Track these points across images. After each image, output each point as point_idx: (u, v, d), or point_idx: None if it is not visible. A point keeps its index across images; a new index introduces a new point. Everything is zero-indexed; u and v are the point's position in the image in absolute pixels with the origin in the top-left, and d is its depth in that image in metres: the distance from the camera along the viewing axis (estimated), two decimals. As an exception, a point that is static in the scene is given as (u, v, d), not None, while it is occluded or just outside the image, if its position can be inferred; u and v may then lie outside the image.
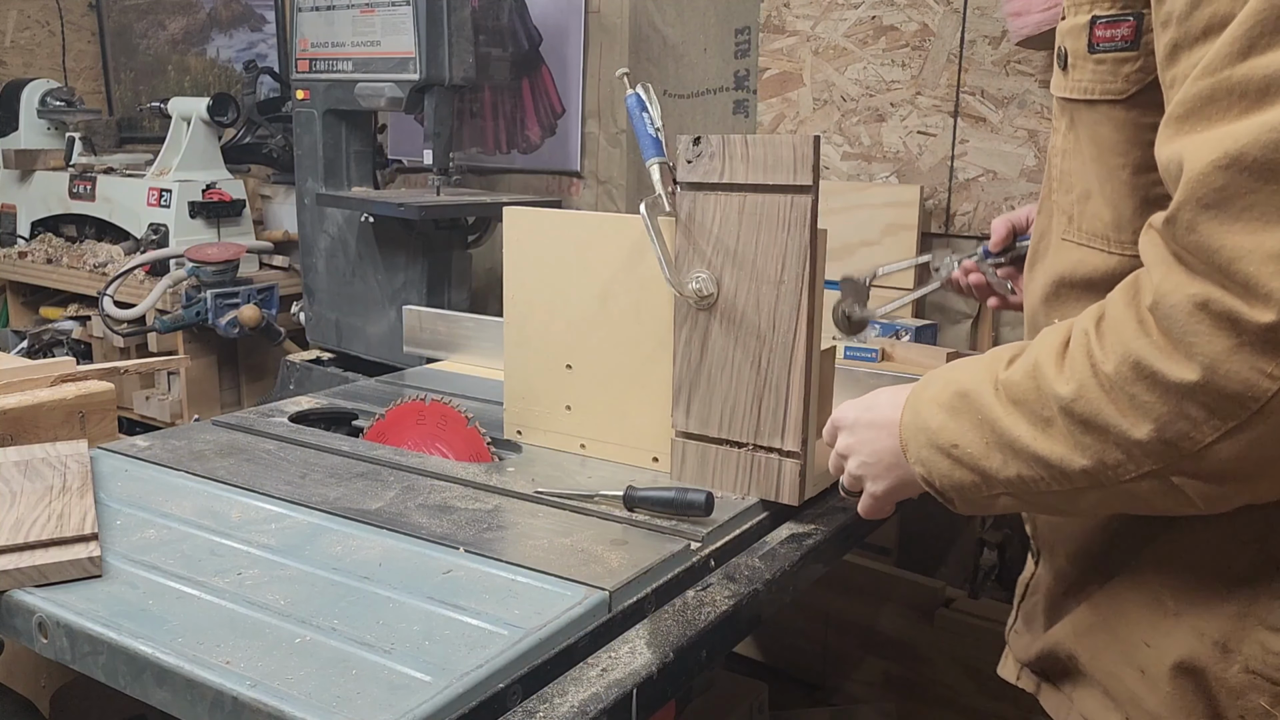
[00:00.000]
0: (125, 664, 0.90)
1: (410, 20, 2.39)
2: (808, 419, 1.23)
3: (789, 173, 1.17)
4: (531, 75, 2.87)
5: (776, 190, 1.19)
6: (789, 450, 1.24)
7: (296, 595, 1.00)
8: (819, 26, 2.54)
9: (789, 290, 1.20)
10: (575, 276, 1.39)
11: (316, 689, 0.84)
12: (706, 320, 1.27)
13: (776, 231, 1.20)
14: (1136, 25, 0.79)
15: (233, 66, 3.74)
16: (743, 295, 1.23)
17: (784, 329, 1.21)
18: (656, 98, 1.32)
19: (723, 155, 1.21)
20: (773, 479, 1.26)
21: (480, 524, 1.17)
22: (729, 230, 1.23)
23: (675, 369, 1.30)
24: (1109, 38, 0.81)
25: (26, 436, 1.43)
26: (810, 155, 1.15)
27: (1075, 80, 0.85)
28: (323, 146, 2.66)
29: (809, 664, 2.28)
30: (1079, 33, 0.83)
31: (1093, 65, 0.83)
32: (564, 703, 0.87)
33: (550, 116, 2.90)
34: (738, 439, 1.27)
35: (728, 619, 1.06)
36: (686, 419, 1.31)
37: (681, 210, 1.26)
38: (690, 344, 1.28)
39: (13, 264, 3.42)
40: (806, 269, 1.19)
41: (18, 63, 4.00)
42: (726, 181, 1.22)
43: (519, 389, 1.48)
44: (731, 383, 1.26)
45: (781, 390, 1.22)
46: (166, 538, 1.13)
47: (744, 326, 1.24)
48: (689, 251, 1.27)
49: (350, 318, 2.71)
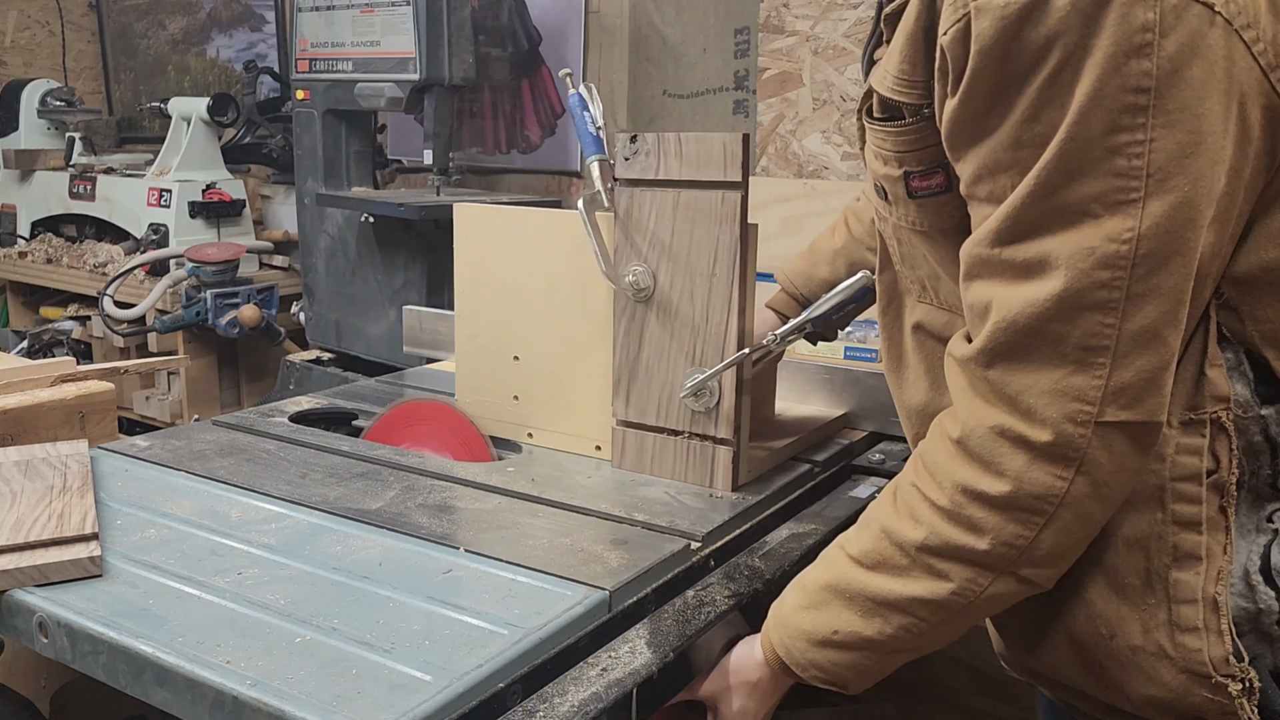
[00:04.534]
0: (125, 664, 0.90)
1: (410, 20, 2.39)
2: (740, 407, 1.27)
3: (720, 169, 1.22)
4: (531, 75, 2.87)
5: (708, 186, 1.23)
6: (722, 438, 1.28)
7: (296, 595, 1.00)
8: (818, 26, 2.54)
9: (721, 283, 1.25)
10: (522, 271, 1.44)
11: (317, 688, 0.84)
12: (644, 312, 1.31)
13: (709, 226, 1.24)
14: (946, 173, 0.89)
15: (233, 66, 3.74)
16: (677, 288, 1.28)
17: (716, 320, 1.26)
18: (599, 98, 1.36)
19: (658, 152, 1.26)
20: (707, 465, 1.30)
21: (480, 524, 1.17)
22: (664, 225, 1.27)
23: (615, 360, 1.35)
24: (924, 187, 0.91)
25: (26, 436, 1.43)
26: (739, 153, 1.20)
27: (901, 214, 0.94)
28: (323, 146, 2.66)
29: (809, 664, 2.27)
30: (895, 181, 0.92)
31: (915, 206, 0.92)
32: (564, 702, 0.87)
33: (550, 116, 2.90)
34: (674, 427, 1.32)
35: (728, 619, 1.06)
36: (626, 408, 1.35)
37: (619, 206, 1.30)
38: (629, 335, 1.33)
39: (13, 264, 3.42)
40: (737, 262, 1.23)
41: (18, 63, 4.01)
42: (661, 178, 1.26)
43: (470, 380, 1.53)
44: (668, 372, 1.31)
45: (714, 379, 1.26)
46: (167, 537, 1.13)
47: (679, 318, 1.29)
48: (627, 246, 1.31)
49: (350, 318, 2.71)
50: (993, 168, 0.80)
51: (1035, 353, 0.79)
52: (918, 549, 0.87)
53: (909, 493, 0.89)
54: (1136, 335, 0.77)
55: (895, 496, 0.91)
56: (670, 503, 1.25)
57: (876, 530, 0.91)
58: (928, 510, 0.86)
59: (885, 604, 0.89)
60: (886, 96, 0.88)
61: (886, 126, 0.90)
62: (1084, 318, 0.77)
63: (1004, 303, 0.80)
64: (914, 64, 0.85)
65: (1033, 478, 0.81)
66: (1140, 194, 0.74)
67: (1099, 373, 0.78)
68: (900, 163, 0.90)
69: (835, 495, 1.38)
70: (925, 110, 0.86)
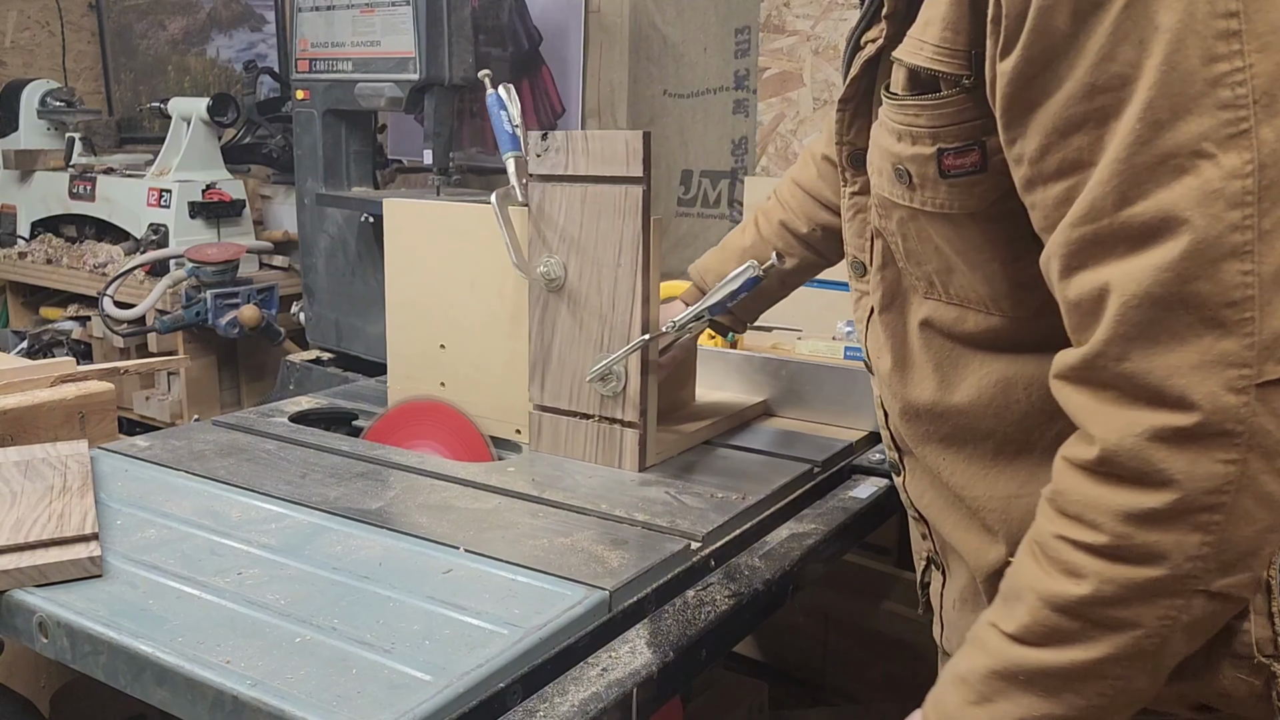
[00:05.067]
0: (125, 663, 0.90)
1: (410, 20, 2.39)
2: (645, 392, 1.34)
3: (623, 165, 1.28)
4: (531, 75, 2.87)
5: (613, 181, 1.30)
6: (629, 421, 1.35)
7: (296, 595, 1.00)
8: (819, 26, 2.54)
9: (625, 273, 1.31)
10: (447, 263, 1.50)
11: (316, 688, 0.84)
12: (556, 302, 1.38)
13: (614, 219, 1.31)
14: (982, 152, 0.83)
15: (233, 66, 3.73)
16: (586, 278, 1.35)
17: (621, 309, 1.32)
18: (517, 97, 1.45)
19: (566, 149, 1.32)
20: (616, 447, 1.36)
21: (480, 524, 1.17)
22: (573, 218, 1.34)
23: (530, 347, 1.42)
24: (959, 165, 0.84)
25: (26, 436, 1.43)
26: (640, 149, 1.26)
27: (927, 197, 0.88)
28: (323, 146, 2.66)
29: (809, 664, 2.28)
30: (925, 160, 0.86)
31: (946, 187, 0.86)
32: (564, 702, 0.87)
33: (550, 116, 2.90)
34: (585, 411, 1.38)
35: (728, 619, 1.06)
36: (541, 393, 1.42)
37: (533, 201, 1.37)
38: (543, 324, 1.40)
39: (13, 264, 3.42)
40: (640, 254, 1.30)
41: (18, 63, 4.00)
42: (570, 174, 1.33)
43: (401, 368, 1.60)
44: (578, 359, 1.37)
45: (620, 365, 1.32)
46: (166, 537, 1.13)
47: (587, 307, 1.35)
48: (539, 238, 1.38)
49: (350, 318, 2.71)
50: (1064, 127, 0.73)
51: (1175, 325, 0.70)
52: (1089, 606, 0.75)
53: (1056, 547, 0.77)
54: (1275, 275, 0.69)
55: (1038, 555, 0.79)
56: (670, 503, 1.25)
57: (1032, 601, 0.78)
58: (1087, 558, 0.75)
59: (1072, 676, 0.77)
60: (924, 67, 0.83)
61: (921, 101, 0.84)
62: (1222, 270, 0.69)
63: (1127, 279, 0.71)
64: (957, 31, 0.80)
65: (1200, 471, 0.71)
66: (1250, 122, 0.68)
67: (1248, 329, 0.69)
68: (934, 139, 0.84)
69: (835, 495, 1.38)
70: (965, 81, 0.81)
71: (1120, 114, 0.70)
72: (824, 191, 1.38)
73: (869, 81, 0.94)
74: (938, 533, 1.04)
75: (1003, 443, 0.93)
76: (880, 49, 0.90)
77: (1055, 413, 0.89)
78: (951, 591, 1.05)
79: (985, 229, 0.85)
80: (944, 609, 1.07)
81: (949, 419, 0.95)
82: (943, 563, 1.07)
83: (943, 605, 1.07)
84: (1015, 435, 0.92)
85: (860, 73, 0.93)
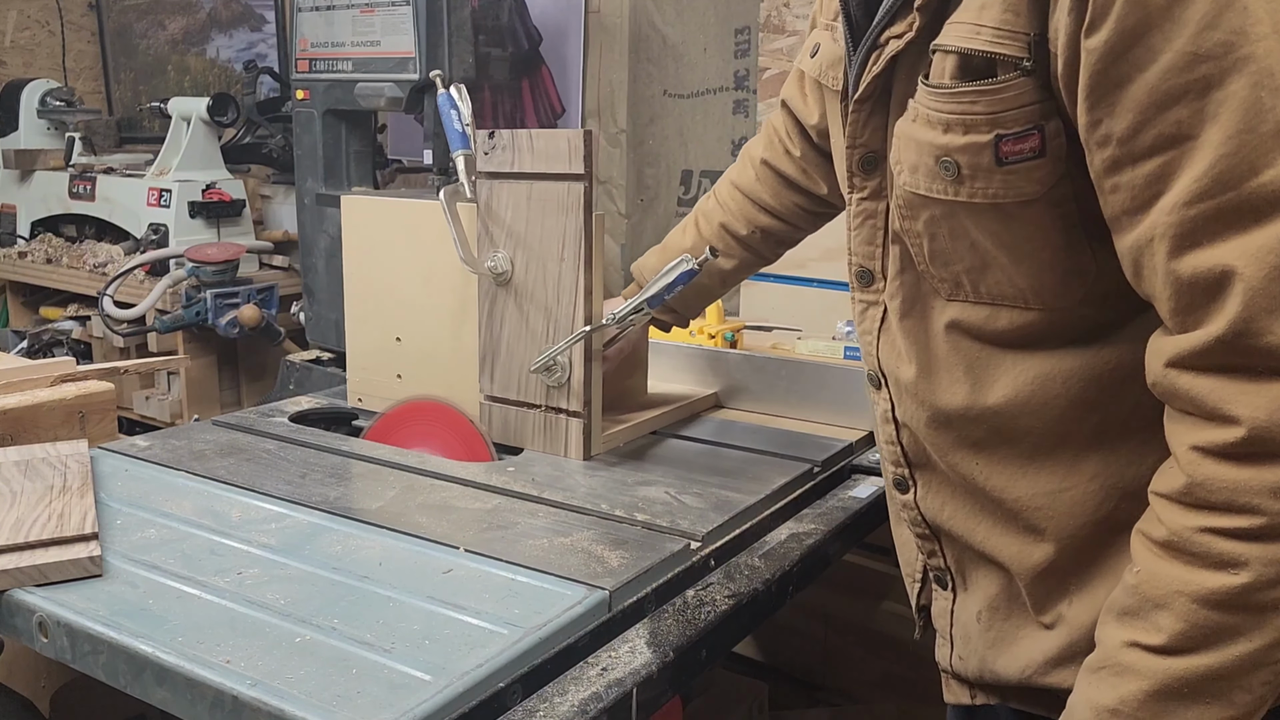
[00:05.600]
0: (125, 663, 0.90)
1: (410, 20, 2.39)
2: (589, 382, 1.38)
3: (566, 162, 1.32)
4: (531, 75, 2.87)
5: (557, 178, 1.34)
6: (574, 410, 1.39)
7: (296, 595, 1.00)
8: (819, 26, 2.53)
9: (569, 267, 1.35)
10: (403, 257, 1.56)
11: (316, 688, 0.84)
12: (504, 296, 1.42)
13: (558, 215, 1.35)
14: (1041, 136, 0.81)
15: (233, 66, 3.73)
16: (532, 272, 1.39)
17: (566, 301, 1.36)
18: (468, 97, 1.49)
19: (512, 148, 1.36)
20: (562, 436, 1.41)
21: (480, 524, 1.17)
22: (519, 214, 1.38)
23: (480, 339, 1.46)
24: (1018, 151, 0.82)
25: (26, 436, 1.43)
26: (582, 147, 1.30)
27: (978, 188, 0.85)
28: (323, 146, 2.65)
29: (809, 664, 2.28)
30: (979, 149, 0.83)
31: (1001, 175, 0.83)
32: (564, 702, 0.87)
33: (550, 116, 2.90)
34: (532, 401, 1.43)
35: (728, 619, 1.06)
36: (491, 384, 1.47)
37: (481, 197, 1.41)
38: (492, 317, 1.44)
39: (13, 264, 3.42)
40: (583, 248, 1.34)
41: (18, 63, 4.00)
42: (517, 171, 1.37)
43: (359, 361, 1.66)
44: (525, 351, 1.41)
45: (564, 356, 1.36)
46: (166, 537, 1.13)
47: (534, 300, 1.40)
48: (487, 234, 1.42)
49: (350, 318, 2.71)
50: (1162, 101, 0.71)
51: None
52: (1252, 593, 0.73)
53: (1201, 541, 0.74)
54: None
55: (1177, 555, 0.76)
56: (670, 503, 1.25)
57: (1182, 605, 0.75)
58: (1243, 545, 0.72)
59: (1238, 672, 0.74)
60: (983, 50, 0.81)
61: (979, 87, 0.81)
62: None
63: (1255, 251, 0.69)
64: (1018, 13, 0.79)
65: None
66: None
67: None
68: (993, 125, 0.82)
69: (835, 495, 1.38)
70: (1026, 64, 0.80)
71: (1225, 83, 0.69)
72: (761, 195, 1.40)
73: (886, 79, 0.92)
74: (959, 546, 1.01)
75: (1041, 438, 0.91)
76: (909, 42, 0.87)
77: (1094, 403, 0.87)
78: (970, 607, 1.02)
79: (1040, 216, 0.84)
80: (955, 627, 1.04)
81: (984, 421, 0.93)
82: (955, 579, 1.04)
83: (953, 624, 1.04)
84: (1055, 429, 0.90)
85: (882, 70, 0.91)
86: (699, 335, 1.89)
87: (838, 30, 1.02)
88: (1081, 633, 0.91)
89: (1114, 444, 0.89)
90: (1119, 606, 0.80)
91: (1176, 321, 0.75)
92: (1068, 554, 0.92)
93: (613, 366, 1.51)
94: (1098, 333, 0.88)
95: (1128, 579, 0.80)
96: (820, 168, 1.33)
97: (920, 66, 0.87)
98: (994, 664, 0.99)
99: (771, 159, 1.38)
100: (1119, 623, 0.80)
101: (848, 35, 0.96)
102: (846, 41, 0.97)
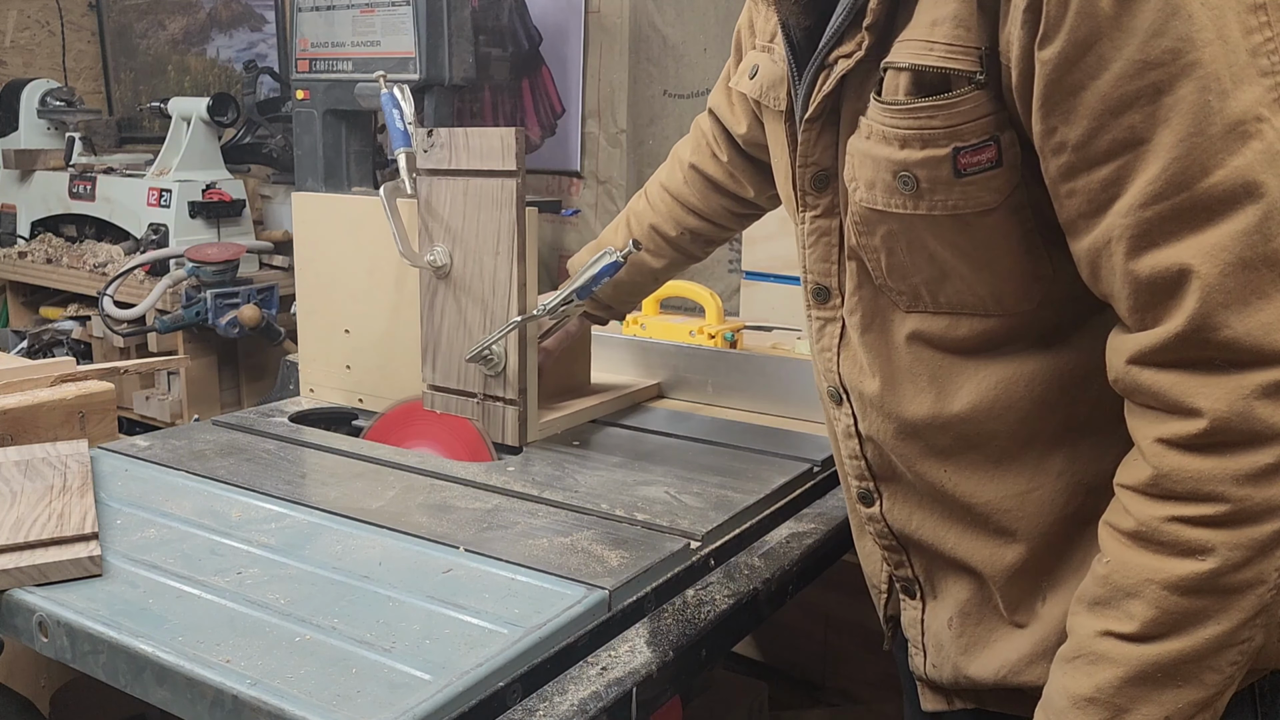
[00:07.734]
0: (125, 663, 0.90)
1: (410, 20, 2.39)
2: (524, 371, 1.42)
3: (499, 160, 1.37)
4: (531, 75, 2.87)
5: (490, 175, 1.38)
6: (509, 398, 1.44)
7: (296, 594, 1.00)
8: (819, 26, 2.53)
9: (503, 260, 1.40)
10: (350, 253, 1.60)
11: (316, 687, 0.84)
12: (444, 289, 1.46)
13: (492, 210, 1.39)
14: (997, 146, 0.83)
15: (233, 66, 3.74)
16: (469, 266, 1.43)
17: (501, 293, 1.41)
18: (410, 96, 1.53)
19: (449, 145, 1.41)
20: (499, 423, 1.45)
21: (480, 523, 1.18)
22: (456, 210, 1.43)
23: (422, 330, 1.49)
24: (976, 162, 0.84)
25: (26, 436, 1.43)
26: (514, 145, 1.35)
27: (937, 200, 0.86)
28: (323, 146, 2.66)
29: (809, 664, 2.28)
30: (938, 163, 0.85)
31: (960, 187, 0.85)
32: (564, 701, 0.87)
33: (550, 116, 2.90)
34: (471, 390, 1.47)
35: (728, 618, 1.06)
36: (433, 373, 1.50)
37: (420, 194, 1.45)
38: (432, 308, 1.48)
39: (13, 264, 3.42)
40: (516, 242, 1.38)
41: (18, 63, 4.00)
42: (453, 168, 1.41)
43: (310, 352, 1.69)
44: (464, 341, 1.45)
45: (500, 346, 1.41)
46: (166, 537, 1.13)
47: (471, 292, 1.44)
48: (427, 229, 1.46)
49: (350, 318, 2.71)
50: (1114, 107, 0.73)
51: (1261, 285, 0.72)
52: (1218, 577, 0.75)
53: (1169, 531, 0.76)
54: None
55: (1146, 545, 0.78)
56: (670, 502, 1.25)
57: (1152, 592, 0.77)
58: (1209, 532, 0.75)
59: (1208, 654, 0.77)
60: (936, 66, 0.82)
61: (935, 102, 0.83)
62: None
63: (1210, 249, 0.72)
64: (969, 28, 0.81)
65: None
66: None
67: None
68: (951, 138, 0.83)
69: (835, 495, 1.38)
70: (979, 76, 0.81)
71: (1174, 88, 0.71)
72: (690, 198, 1.45)
73: (835, 98, 0.93)
74: (929, 555, 1.02)
75: (1007, 442, 0.92)
76: (858, 61, 0.88)
77: (1057, 403, 0.89)
78: (941, 614, 1.03)
79: (999, 224, 0.85)
80: (926, 636, 1.05)
81: (951, 429, 0.94)
82: (924, 588, 1.05)
83: (924, 632, 1.05)
84: (1020, 432, 0.91)
85: (832, 89, 0.91)
86: (699, 335, 1.89)
87: (776, 52, 1.03)
88: (1054, 628, 0.92)
89: (1077, 441, 0.90)
90: (1090, 597, 0.81)
91: (1136, 319, 0.77)
92: (1039, 552, 0.93)
93: (552, 358, 1.56)
94: (1057, 335, 0.89)
95: (1098, 569, 0.81)
96: (746, 172, 1.40)
97: (869, 84, 0.88)
98: (968, 669, 1.00)
99: (699, 163, 1.44)
100: (1091, 612, 0.81)
101: (790, 57, 0.96)
102: (789, 63, 0.97)
